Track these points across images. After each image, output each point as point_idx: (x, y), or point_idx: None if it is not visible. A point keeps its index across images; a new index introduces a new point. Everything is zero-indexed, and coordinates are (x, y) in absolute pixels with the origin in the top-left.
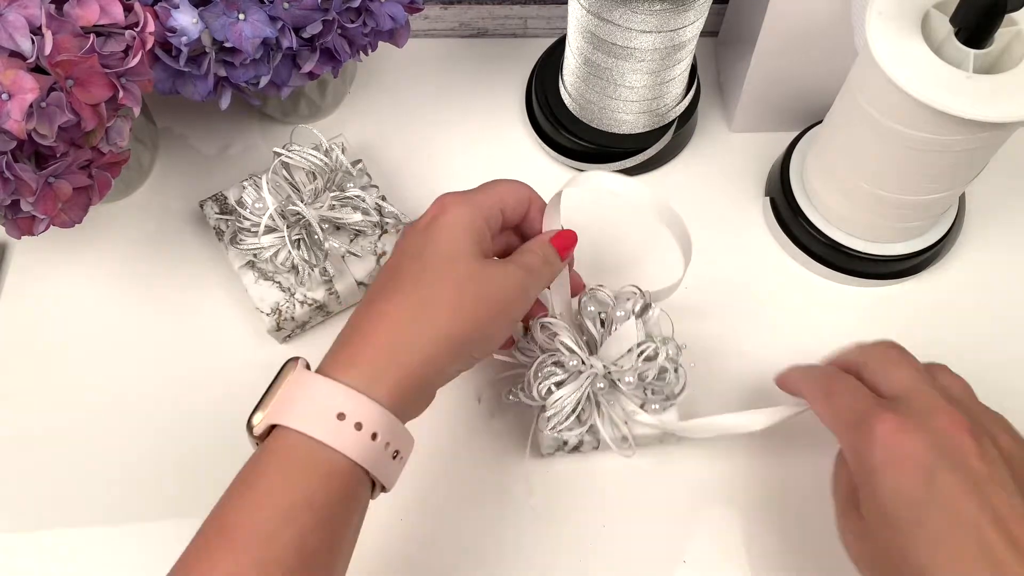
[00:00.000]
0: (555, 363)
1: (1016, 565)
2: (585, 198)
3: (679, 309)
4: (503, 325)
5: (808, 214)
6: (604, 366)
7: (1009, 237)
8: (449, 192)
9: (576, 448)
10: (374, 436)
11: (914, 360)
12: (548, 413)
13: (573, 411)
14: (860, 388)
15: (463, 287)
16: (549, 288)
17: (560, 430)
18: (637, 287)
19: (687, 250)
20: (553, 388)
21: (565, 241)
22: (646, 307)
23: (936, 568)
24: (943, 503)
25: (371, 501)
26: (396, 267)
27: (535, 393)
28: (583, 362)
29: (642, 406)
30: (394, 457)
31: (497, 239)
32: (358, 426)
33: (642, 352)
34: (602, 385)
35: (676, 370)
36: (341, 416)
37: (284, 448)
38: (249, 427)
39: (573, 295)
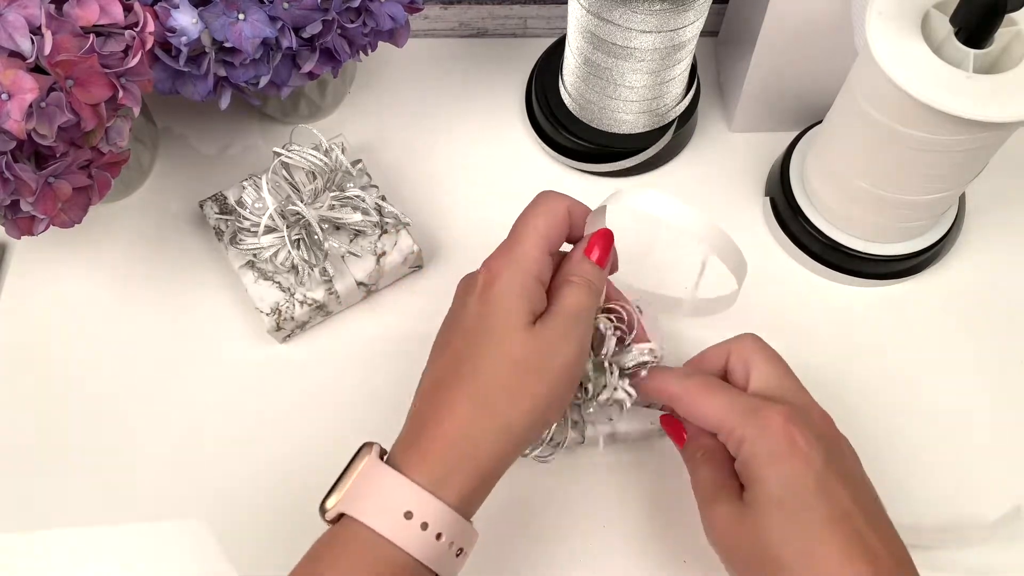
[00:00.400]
0: None
1: (886, 557)
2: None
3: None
4: (568, 389)
5: (808, 214)
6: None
7: (1009, 237)
8: (494, 254)
9: (559, 444)
10: (439, 536)
11: (775, 353)
12: None
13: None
14: (734, 387)
15: (520, 369)
16: None
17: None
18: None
19: (741, 277)
20: None
21: (602, 247)
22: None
23: (821, 554)
24: (828, 492)
25: None
26: (452, 346)
27: None
28: None
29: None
30: (458, 555)
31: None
32: (424, 526)
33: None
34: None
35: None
36: (408, 515)
37: (353, 539)
38: (322, 510)
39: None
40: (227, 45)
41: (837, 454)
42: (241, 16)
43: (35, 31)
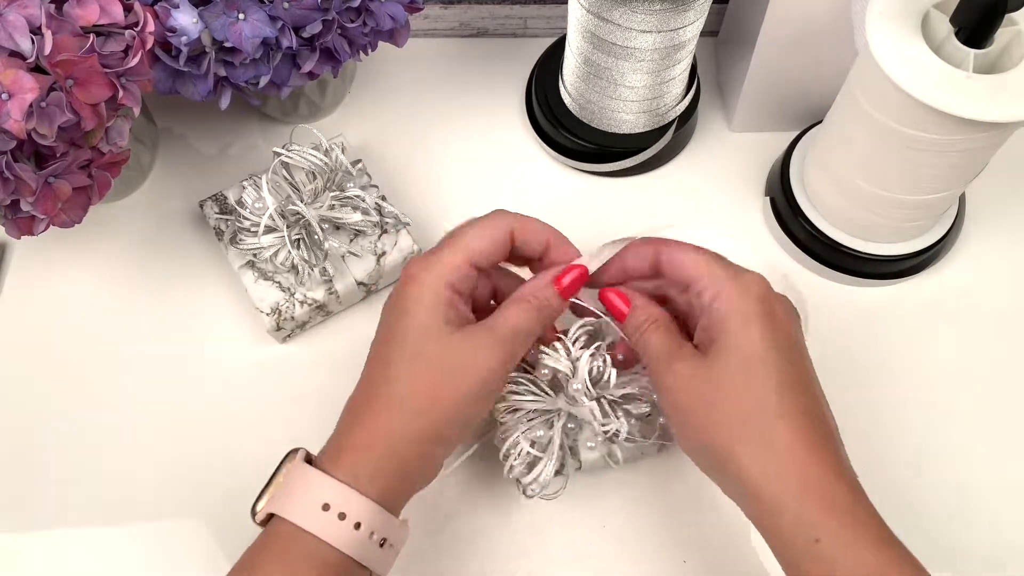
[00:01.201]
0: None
1: (835, 432)
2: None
3: None
4: (486, 399)
5: (808, 214)
6: (566, 402)
7: (1009, 237)
8: (415, 257)
9: (559, 471)
10: (357, 525)
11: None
12: (508, 460)
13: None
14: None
15: (436, 374)
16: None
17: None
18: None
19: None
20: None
21: (573, 280)
22: (593, 337)
23: (785, 411)
24: (799, 359)
25: None
26: (372, 352)
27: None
28: (547, 409)
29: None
30: (381, 545)
31: (485, 282)
32: (342, 516)
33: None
34: (572, 425)
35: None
36: (326, 507)
37: (281, 538)
38: (253, 513)
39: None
40: (227, 45)
41: (798, 324)
42: (241, 16)
43: (35, 31)
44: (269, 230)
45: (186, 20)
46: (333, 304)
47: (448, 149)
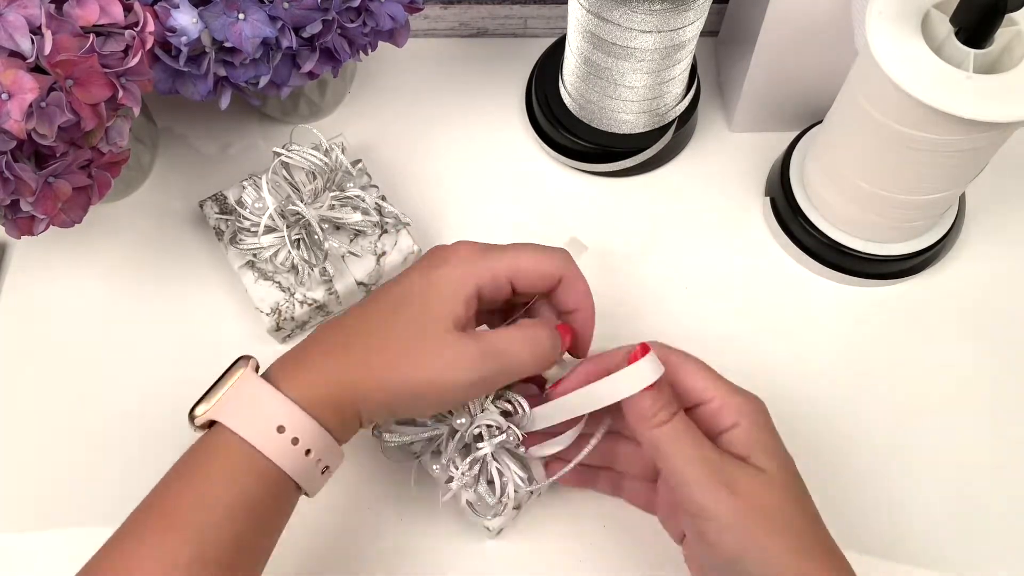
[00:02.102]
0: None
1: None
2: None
3: (679, 309)
4: (447, 405)
5: (808, 214)
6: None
7: (1009, 237)
8: (468, 241)
9: (518, 507)
10: (308, 452)
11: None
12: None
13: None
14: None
15: (418, 364)
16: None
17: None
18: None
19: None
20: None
21: (579, 345)
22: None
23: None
24: (805, 495)
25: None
26: (379, 301)
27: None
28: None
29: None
30: (323, 472)
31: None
32: (295, 441)
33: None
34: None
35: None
36: (280, 429)
37: (226, 447)
38: (191, 416)
39: None
40: (227, 45)
41: None
42: (241, 16)
43: (35, 31)
44: (269, 230)
45: (186, 20)
46: (333, 304)
47: (448, 149)
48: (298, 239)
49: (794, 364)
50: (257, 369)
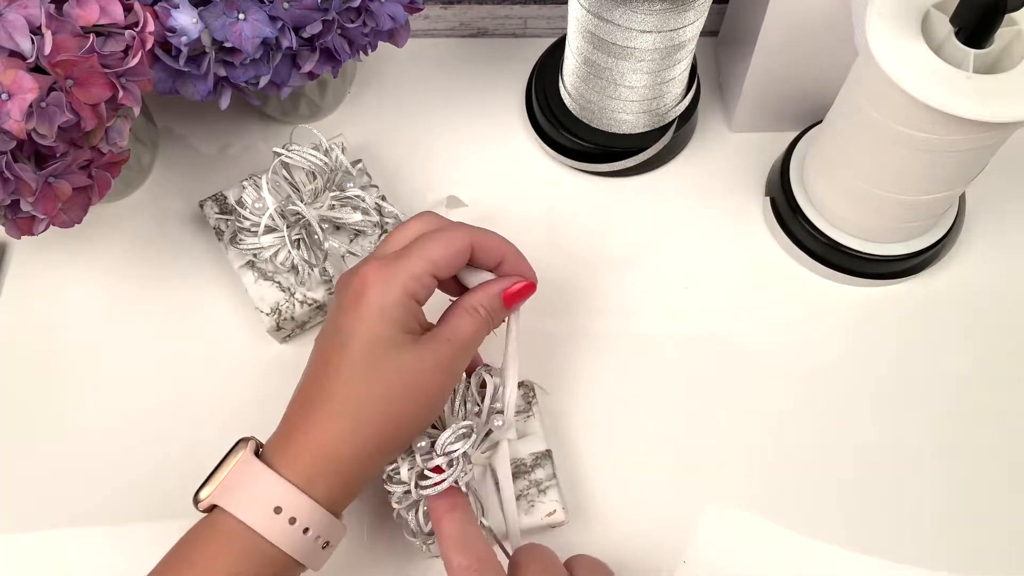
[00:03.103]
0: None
1: None
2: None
3: (679, 309)
4: (434, 412)
5: (808, 214)
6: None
7: (1009, 237)
8: (371, 260)
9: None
10: (306, 530)
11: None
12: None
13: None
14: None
15: (391, 384)
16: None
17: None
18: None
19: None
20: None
21: (522, 298)
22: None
23: None
24: None
25: None
26: (322, 354)
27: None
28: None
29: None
30: (324, 548)
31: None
32: (292, 520)
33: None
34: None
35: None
36: (278, 510)
37: (224, 530)
38: (196, 500)
39: None
40: (227, 45)
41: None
42: (241, 16)
43: (35, 31)
44: (269, 230)
45: (186, 20)
46: (333, 304)
47: (448, 149)
48: (298, 239)
49: (794, 364)
50: (257, 449)
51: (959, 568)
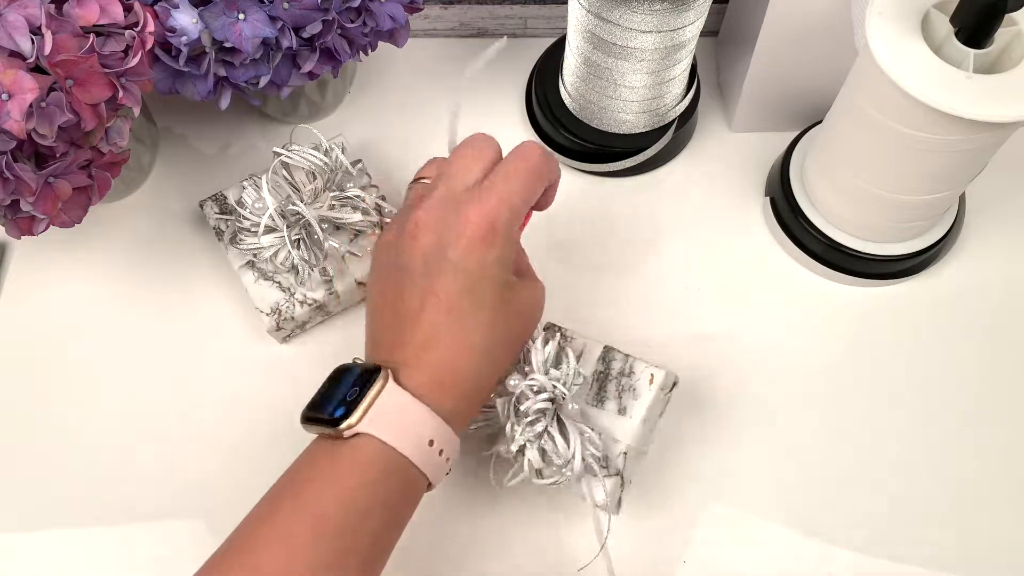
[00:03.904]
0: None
1: None
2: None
3: (679, 309)
4: (527, 339)
5: (808, 214)
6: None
7: (1009, 237)
8: (500, 188)
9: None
10: (441, 452)
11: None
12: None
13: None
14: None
15: (511, 319)
16: None
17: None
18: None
19: None
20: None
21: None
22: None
23: None
24: None
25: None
26: (455, 294)
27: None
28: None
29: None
30: (447, 461)
31: None
32: (440, 452)
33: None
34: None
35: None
36: (431, 443)
37: (371, 454)
38: (333, 423)
39: None
40: (227, 45)
41: None
42: (241, 16)
43: (35, 31)
44: (269, 230)
45: (186, 20)
46: (333, 304)
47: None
48: (298, 239)
49: (794, 364)
50: (398, 380)
51: (959, 568)
